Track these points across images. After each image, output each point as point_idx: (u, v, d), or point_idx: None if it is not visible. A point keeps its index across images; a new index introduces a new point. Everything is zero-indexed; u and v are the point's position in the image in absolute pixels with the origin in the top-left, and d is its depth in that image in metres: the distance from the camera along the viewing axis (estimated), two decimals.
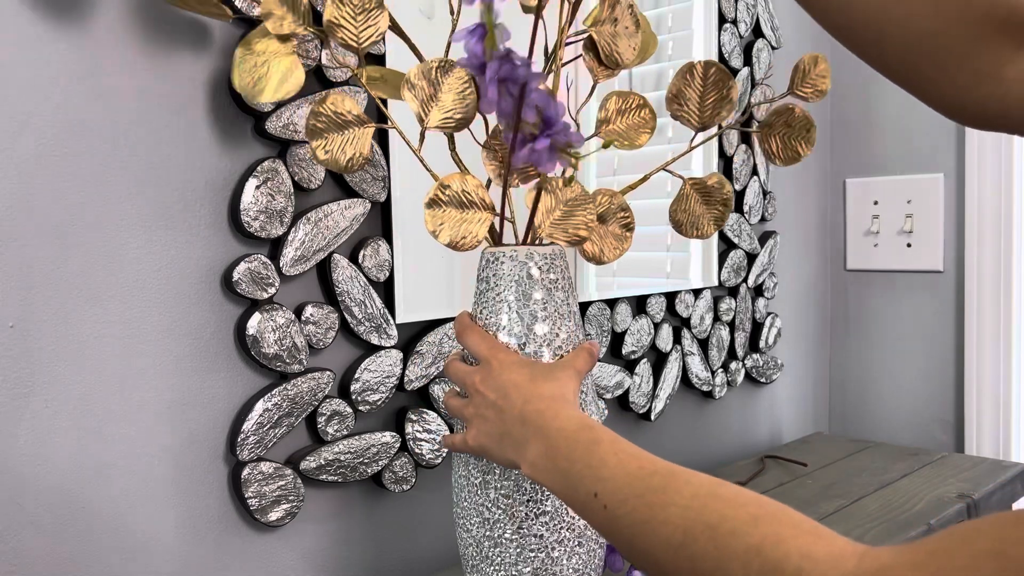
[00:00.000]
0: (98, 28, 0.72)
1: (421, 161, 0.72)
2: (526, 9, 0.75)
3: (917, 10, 0.58)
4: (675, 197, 0.80)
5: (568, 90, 0.84)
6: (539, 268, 0.70)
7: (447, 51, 0.75)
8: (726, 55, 1.34)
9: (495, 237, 0.74)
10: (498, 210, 0.73)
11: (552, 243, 0.73)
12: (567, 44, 0.76)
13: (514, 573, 0.69)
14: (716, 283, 1.36)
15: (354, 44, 0.70)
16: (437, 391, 0.95)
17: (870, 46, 0.61)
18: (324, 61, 0.83)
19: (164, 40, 0.76)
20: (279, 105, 0.81)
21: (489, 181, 0.75)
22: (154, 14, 0.75)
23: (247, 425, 0.80)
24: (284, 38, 0.69)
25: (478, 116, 0.72)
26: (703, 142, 0.79)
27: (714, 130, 0.79)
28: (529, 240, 0.73)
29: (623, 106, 0.79)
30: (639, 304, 1.23)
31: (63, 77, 0.70)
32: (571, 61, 0.79)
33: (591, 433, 0.59)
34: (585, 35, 0.79)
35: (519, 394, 0.64)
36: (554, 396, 0.63)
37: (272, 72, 0.70)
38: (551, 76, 0.75)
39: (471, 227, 0.70)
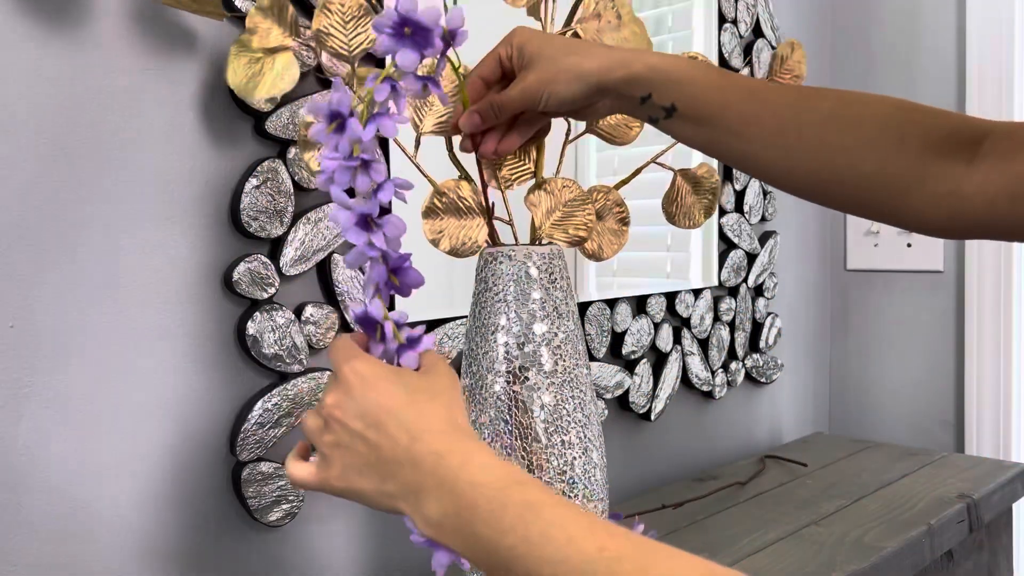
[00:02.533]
0: (97, 29, 0.72)
1: (417, 167, 0.73)
2: None
3: (856, 153, 0.58)
4: (667, 190, 0.81)
5: None
6: (537, 268, 0.70)
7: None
8: (726, 55, 1.35)
9: (493, 238, 0.74)
10: (492, 213, 0.73)
11: (551, 243, 0.73)
12: None
13: None
14: (716, 283, 1.37)
15: (345, 52, 0.70)
16: None
17: (821, 194, 0.61)
18: (324, 61, 0.83)
19: (163, 40, 0.76)
20: (279, 105, 0.81)
21: (485, 185, 0.75)
22: (153, 15, 0.75)
23: (247, 425, 0.80)
24: (273, 51, 0.70)
25: None
26: None
27: None
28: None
29: None
30: (639, 304, 1.23)
31: (63, 79, 0.70)
32: None
33: (523, 492, 0.45)
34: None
35: (399, 425, 0.49)
36: (451, 428, 0.49)
37: (266, 69, 0.70)
38: None
39: (470, 233, 0.70)
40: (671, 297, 1.27)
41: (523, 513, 0.44)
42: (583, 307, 1.13)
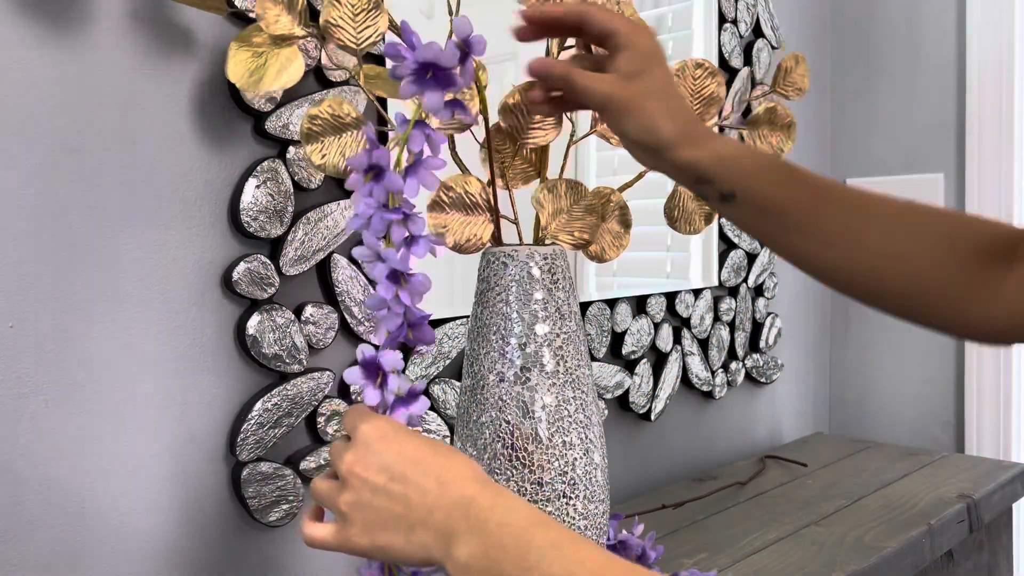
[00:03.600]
0: (96, 30, 0.72)
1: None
2: None
3: (912, 259, 0.60)
4: (669, 194, 0.82)
5: None
6: (540, 268, 0.70)
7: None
8: (726, 55, 1.34)
9: (496, 237, 0.74)
10: (499, 211, 0.73)
11: (554, 243, 0.73)
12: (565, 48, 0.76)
13: None
14: (716, 283, 1.36)
15: (353, 45, 0.69)
16: (437, 391, 0.95)
17: (873, 295, 0.63)
18: (324, 61, 0.83)
19: (162, 41, 0.76)
20: (279, 105, 0.81)
21: (490, 182, 0.75)
22: (153, 15, 0.75)
23: (247, 425, 0.80)
24: (281, 39, 0.69)
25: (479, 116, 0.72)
26: None
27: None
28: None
29: None
30: (639, 304, 1.23)
31: (62, 79, 0.70)
32: None
33: (547, 532, 0.47)
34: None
35: (426, 474, 0.51)
36: (477, 475, 0.51)
37: (270, 63, 0.69)
38: None
39: (475, 229, 0.70)
40: (671, 297, 1.27)
41: (546, 551, 0.46)
42: (583, 307, 1.13)
